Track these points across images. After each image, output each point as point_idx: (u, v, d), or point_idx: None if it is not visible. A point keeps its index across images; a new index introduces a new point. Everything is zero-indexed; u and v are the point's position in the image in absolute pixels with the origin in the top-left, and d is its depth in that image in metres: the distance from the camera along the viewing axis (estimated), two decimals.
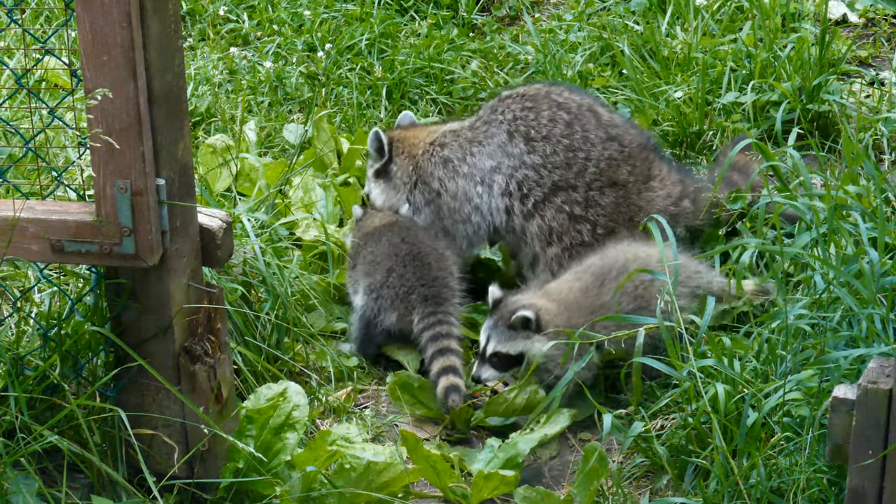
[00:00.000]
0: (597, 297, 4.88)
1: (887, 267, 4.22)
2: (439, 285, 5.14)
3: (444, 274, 5.18)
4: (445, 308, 5.08)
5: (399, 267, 5.18)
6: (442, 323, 5.03)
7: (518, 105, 5.44)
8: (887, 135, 5.95)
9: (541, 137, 5.36)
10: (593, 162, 5.34)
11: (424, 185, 5.54)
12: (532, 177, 5.34)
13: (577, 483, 4.36)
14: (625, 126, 5.48)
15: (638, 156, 5.41)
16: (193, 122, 6.32)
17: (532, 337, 4.83)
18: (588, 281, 4.95)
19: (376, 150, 5.64)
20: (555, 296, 4.94)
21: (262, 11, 7.22)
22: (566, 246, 5.32)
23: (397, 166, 5.61)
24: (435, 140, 5.58)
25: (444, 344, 4.97)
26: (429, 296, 5.10)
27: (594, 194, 5.33)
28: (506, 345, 4.86)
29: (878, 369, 3.54)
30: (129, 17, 3.65)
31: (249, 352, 4.76)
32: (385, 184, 5.64)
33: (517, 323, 4.82)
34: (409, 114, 5.89)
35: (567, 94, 5.48)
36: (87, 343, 4.20)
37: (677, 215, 5.38)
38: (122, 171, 3.78)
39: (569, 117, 5.39)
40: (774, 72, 6.25)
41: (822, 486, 3.95)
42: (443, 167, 5.51)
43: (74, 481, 4.12)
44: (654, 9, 6.97)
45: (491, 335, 4.89)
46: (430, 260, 5.20)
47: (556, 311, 4.85)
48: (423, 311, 5.07)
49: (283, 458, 4.20)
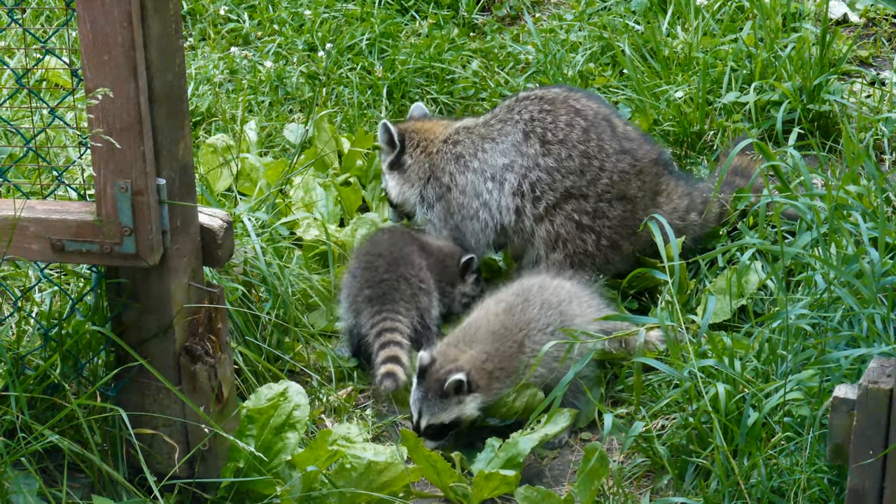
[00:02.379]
0: (523, 313, 4.86)
1: (888, 267, 4.22)
2: (386, 287, 5.15)
3: (394, 276, 5.18)
4: (393, 307, 5.10)
5: (358, 273, 5.23)
6: (387, 319, 5.06)
7: (536, 107, 5.43)
8: (888, 135, 5.94)
9: (557, 141, 5.35)
10: (607, 173, 5.34)
11: (436, 181, 5.54)
12: (545, 179, 5.33)
13: (578, 483, 4.36)
14: (639, 140, 5.47)
15: (649, 171, 5.41)
16: (194, 121, 6.32)
17: (464, 400, 4.73)
18: (511, 300, 4.92)
19: (387, 143, 5.64)
20: (475, 336, 4.85)
21: (262, 11, 7.22)
22: (569, 253, 5.32)
23: (412, 159, 5.61)
24: (449, 138, 5.58)
25: (389, 338, 5.01)
26: (373, 297, 5.13)
27: (604, 206, 5.33)
28: (439, 416, 4.74)
29: (879, 369, 3.54)
30: (129, 16, 3.65)
31: (250, 351, 4.76)
32: (399, 175, 5.63)
33: (450, 390, 4.70)
34: (421, 105, 5.88)
35: (585, 100, 5.47)
36: (88, 343, 4.20)
37: (684, 228, 5.38)
38: (123, 170, 3.78)
39: (586, 124, 5.38)
40: (775, 72, 6.25)
41: (822, 486, 3.95)
42: (454, 162, 5.51)
43: (75, 481, 4.12)
44: (655, 8, 6.97)
45: (422, 409, 4.75)
46: (379, 263, 5.21)
47: (482, 358, 4.78)
48: (370, 311, 5.11)
49: (284, 457, 4.20)
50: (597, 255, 5.32)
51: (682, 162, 6.03)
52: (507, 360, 4.78)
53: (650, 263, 5.20)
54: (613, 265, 5.35)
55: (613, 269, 5.35)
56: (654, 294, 5.27)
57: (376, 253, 5.26)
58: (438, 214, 5.53)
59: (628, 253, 5.38)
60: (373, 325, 5.07)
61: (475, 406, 4.75)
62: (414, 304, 5.16)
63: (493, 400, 4.78)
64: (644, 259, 5.34)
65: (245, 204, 5.52)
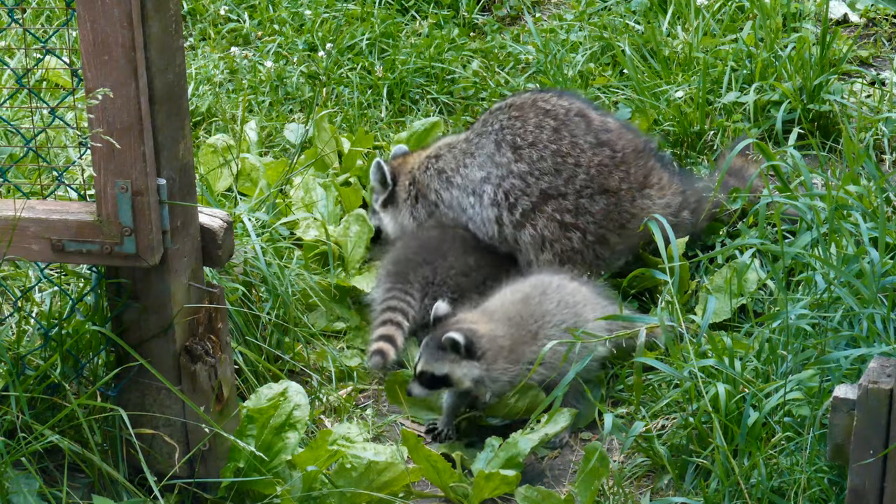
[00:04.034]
0: (539, 305, 4.86)
1: (888, 267, 4.22)
2: (406, 266, 5.22)
3: (419, 260, 5.24)
4: (405, 288, 5.14)
5: (391, 249, 5.42)
6: (397, 298, 5.10)
7: (505, 115, 5.44)
8: (888, 135, 5.94)
9: (527, 144, 5.34)
10: (583, 168, 5.32)
11: (424, 199, 5.58)
12: (518, 185, 5.33)
13: (578, 483, 4.36)
14: (619, 130, 5.42)
15: (633, 162, 5.38)
16: (194, 121, 6.32)
17: (460, 362, 4.71)
18: (527, 291, 4.93)
19: (379, 182, 5.67)
20: (496, 313, 4.88)
21: (262, 11, 7.22)
22: (557, 252, 5.31)
23: (400, 187, 5.65)
24: (430, 153, 5.62)
25: (390, 316, 5.05)
26: (392, 272, 5.23)
27: (584, 202, 5.31)
28: (432, 365, 4.72)
29: (879, 369, 3.54)
30: (130, 16, 3.65)
31: (250, 351, 4.76)
32: (394, 210, 5.68)
33: (446, 344, 4.69)
34: (403, 146, 5.89)
35: (555, 100, 5.45)
36: (88, 343, 4.21)
37: (676, 226, 5.35)
38: (123, 170, 3.78)
39: (556, 123, 5.37)
40: (775, 71, 6.25)
41: (822, 486, 3.95)
42: (437, 178, 5.54)
43: (75, 481, 4.12)
44: (655, 8, 6.97)
45: (423, 352, 4.76)
46: (412, 244, 5.34)
47: (499, 333, 4.79)
48: (384, 287, 5.19)
49: (284, 457, 4.20)
50: (585, 251, 5.31)
51: (682, 162, 6.03)
52: (520, 345, 4.77)
53: (652, 262, 5.20)
54: (604, 260, 5.34)
55: (606, 264, 5.34)
56: (655, 294, 5.27)
57: (415, 236, 5.40)
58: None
59: (619, 246, 5.35)
60: (383, 300, 5.13)
61: (469, 375, 4.71)
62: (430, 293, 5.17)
63: (491, 381, 4.75)
64: (647, 257, 5.33)
65: (245, 204, 5.52)
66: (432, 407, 4.93)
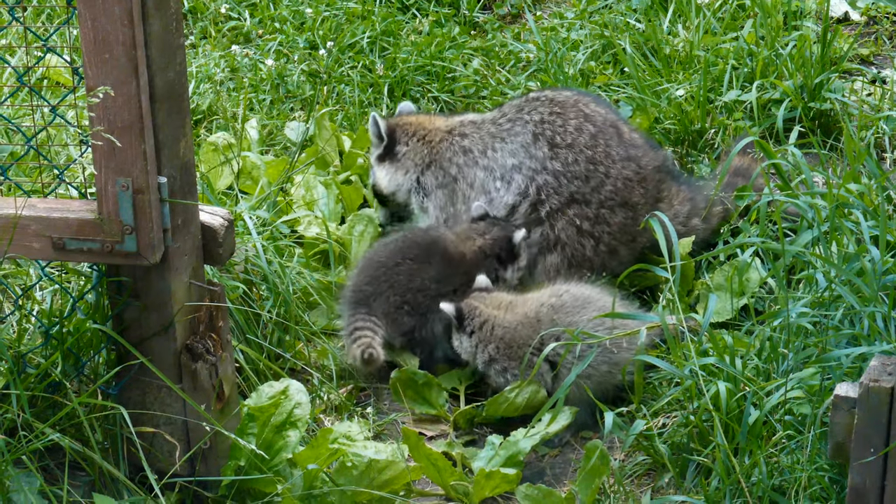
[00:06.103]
0: (568, 315, 4.86)
1: (889, 265, 4.22)
2: (367, 293, 5.16)
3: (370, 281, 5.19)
4: (369, 311, 5.12)
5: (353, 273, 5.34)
6: (362, 319, 5.09)
7: (546, 109, 5.42)
8: (889, 133, 5.94)
9: (565, 145, 5.34)
10: (611, 179, 5.33)
11: (439, 169, 5.55)
12: (552, 183, 5.33)
13: (579, 481, 4.36)
14: (644, 147, 5.46)
15: (652, 178, 5.41)
16: (195, 119, 6.32)
17: (455, 331, 4.96)
18: (567, 301, 4.93)
19: (376, 136, 5.68)
20: (518, 306, 4.93)
21: (263, 9, 7.22)
22: (566, 256, 5.32)
23: (408, 147, 5.61)
24: (454, 129, 5.59)
25: (360, 333, 5.05)
26: (352, 301, 5.18)
27: (605, 212, 5.32)
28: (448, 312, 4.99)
29: (880, 367, 3.54)
30: (130, 14, 3.65)
31: (251, 350, 4.77)
32: (391, 164, 5.64)
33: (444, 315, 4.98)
34: (409, 104, 5.89)
35: (594, 105, 5.47)
36: (89, 341, 4.21)
37: (686, 233, 5.36)
38: (124, 168, 3.78)
39: (594, 129, 5.37)
40: (776, 70, 6.25)
41: (823, 485, 3.95)
42: (462, 155, 5.51)
43: (76, 479, 4.12)
44: (656, 7, 6.96)
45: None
46: (360, 266, 5.27)
47: (502, 324, 4.86)
48: (348, 314, 5.15)
49: (285, 455, 4.20)
50: (594, 260, 5.32)
51: (682, 161, 6.03)
52: (518, 346, 4.78)
53: (653, 260, 5.20)
54: (609, 269, 5.35)
55: (609, 273, 5.35)
56: (655, 292, 5.27)
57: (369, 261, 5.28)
58: (437, 202, 5.54)
59: (626, 259, 5.37)
60: (349, 323, 5.10)
61: (461, 346, 4.94)
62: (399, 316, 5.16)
63: (474, 364, 4.91)
64: (650, 257, 5.33)
65: (246, 202, 5.52)
66: (435, 406, 4.93)
